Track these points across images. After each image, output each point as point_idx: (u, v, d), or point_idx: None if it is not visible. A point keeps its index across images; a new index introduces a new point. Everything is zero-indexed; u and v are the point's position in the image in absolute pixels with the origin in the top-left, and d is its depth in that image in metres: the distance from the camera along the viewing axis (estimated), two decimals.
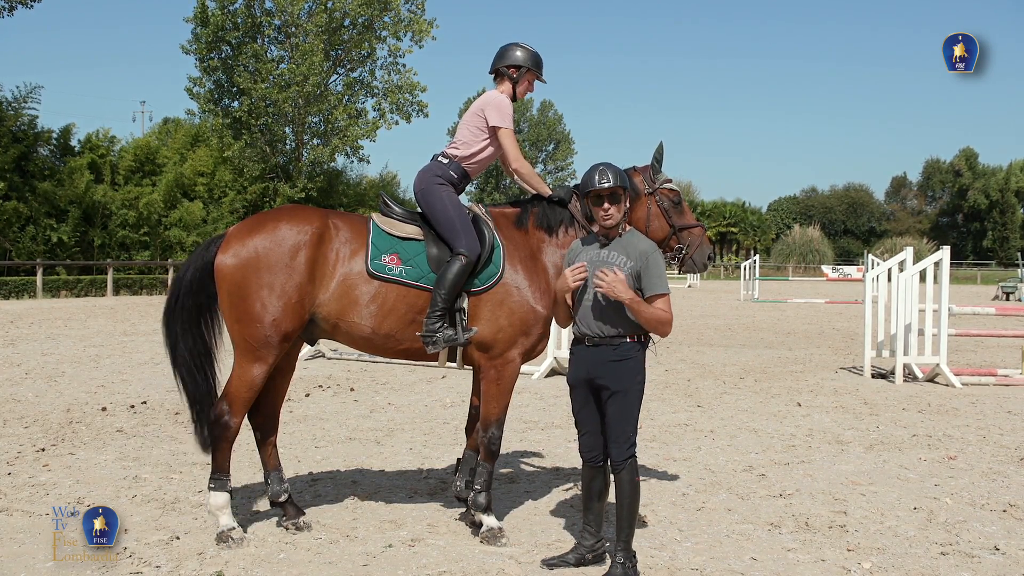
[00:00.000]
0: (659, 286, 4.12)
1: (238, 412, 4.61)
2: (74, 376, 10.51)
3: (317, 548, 4.51)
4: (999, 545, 4.67)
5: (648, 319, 4.06)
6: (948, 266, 10.89)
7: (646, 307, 4.05)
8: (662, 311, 4.09)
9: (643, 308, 4.04)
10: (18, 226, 32.17)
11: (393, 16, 37.40)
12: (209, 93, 36.21)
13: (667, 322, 4.10)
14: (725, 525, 4.97)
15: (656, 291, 4.11)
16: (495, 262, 4.82)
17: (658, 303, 4.10)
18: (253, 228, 4.67)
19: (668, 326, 4.11)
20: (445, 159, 5.11)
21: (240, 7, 35.47)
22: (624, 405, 4.09)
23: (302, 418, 8.12)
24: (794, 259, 72.78)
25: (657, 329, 4.11)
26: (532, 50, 5.19)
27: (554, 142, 69.56)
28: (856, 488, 5.80)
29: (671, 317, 4.12)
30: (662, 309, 4.09)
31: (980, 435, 7.60)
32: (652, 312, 4.05)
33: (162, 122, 48.31)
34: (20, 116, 33.50)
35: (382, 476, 6.05)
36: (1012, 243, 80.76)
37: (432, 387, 10.16)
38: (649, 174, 5.06)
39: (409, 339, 4.76)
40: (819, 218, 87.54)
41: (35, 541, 4.53)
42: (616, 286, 3.99)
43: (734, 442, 7.24)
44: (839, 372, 11.93)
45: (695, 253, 5.07)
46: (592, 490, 4.28)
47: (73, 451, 6.62)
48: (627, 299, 4.01)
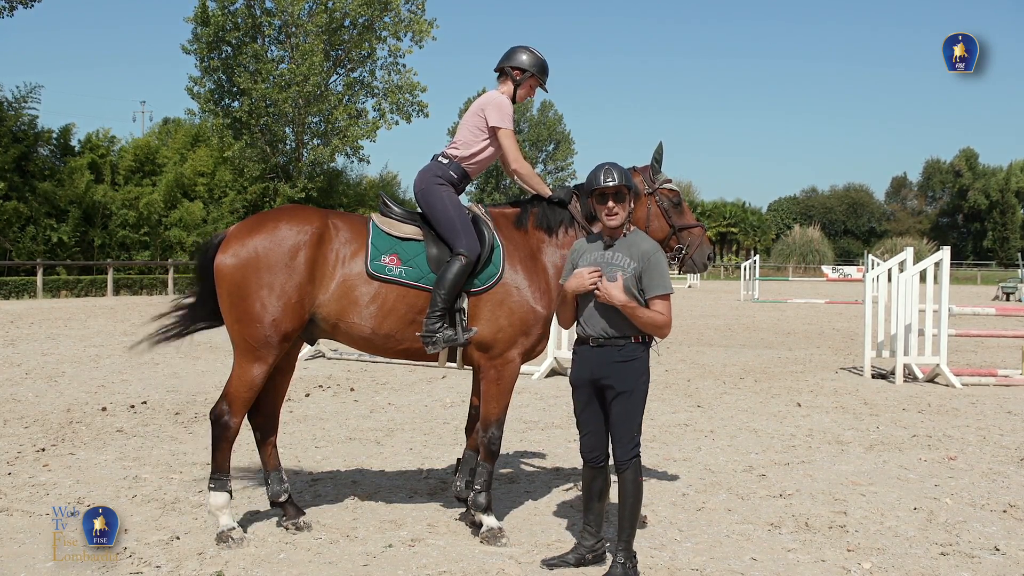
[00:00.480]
0: (660, 287, 4.11)
1: (238, 412, 4.61)
2: (74, 376, 10.51)
3: (317, 548, 4.51)
4: (999, 545, 4.67)
5: (644, 323, 4.05)
6: (948, 266, 10.88)
7: (641, 311, 4.04)
8: (658, 314, 4.07)
9: (638, 312, 4.03)
10: (18, 226, 32.17)
11: (393, 16, 37.41)
12: (209, 93, 36.20)
13: (663, 325, 4.08)
14: (725, 525, 4.97)
15: (656, 292, 4.10)
16: (495, 262, 4.82)
17: (657, 304, 4.09)
18: (253, 228, 4.66)
19: (665, 329, 4.10)
20: (445, 159, 5.11)
21: (240, 7, 35.47)
22: (629, 406, 4.09)
23: (302, 418, 8.12)
24: (794, 259, 72.80)
25: (654, 332, 4.11)
26: (541, 57, 5.18)
27: (554, 142, 69.54)
28: (856, 488, 5.80)
29: (668, 320, 4.09)
30: (659, 312, 4.07)
31: (980, 435, 7.60)
32: (648, 315, 4.04)
33: (162, 122, 48.36)
34: (20, 116, 33.50)
35: (382, 476, 6.05)
36: (1012, 243, 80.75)
37: (432, 387, 10.16)
38: (649, 174, 5.06)
39: (409, 339, 4.76)
40: (819, 218, 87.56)
41: (35, 541, 4.53)
42: (610, 291, 4.00)
43: (734, 442, 7.24)
44: (839, 372, 11.93)
45: (695, 253, 5.08)
46: (593, 490, 4.28)
47: (73, 451, 6.63)
48: (620, 303, 4.01)
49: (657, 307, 4.09)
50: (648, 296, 4.11)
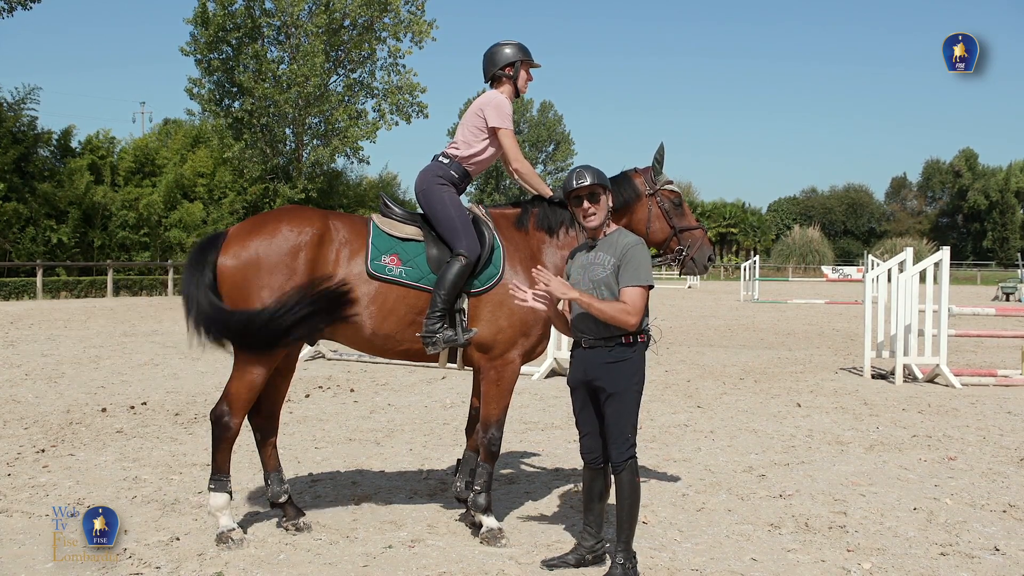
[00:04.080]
0: (633, 278, 4.03)
1: (238, 413, 4.60)
2: (74, 377, 10.51)
3: (317, 549, 4.51)
4: (999, 545, 4.67)
5: (603, 313, 3.97)
6: (948, 267, 10.89)
7: (598, 301, 3.98)
8: (619, 302, 3.99)
9: (594, 304, 3.97)
10: (18, 227, 32.16)
11: (393, 17, 37.41)
12: (209, 94, 36.19)
13: (626, 311, 3.96)
14: (725, 526, 4.97)
15: (628, 283, 4.03)
16: (495, 263, 4.82)
17: (625, 294, 4.01)
18: (253, 229, 4.66)
19: (630, 317, 3.96)
20: (445, 159, 5.11)
21: (240, 8, 35.46)
22: (621, 407, 4.06)
23: (302, 419, 8.12)
24: (794, 260, 72.83)
25: (617, 322, 3.98)
26: (515, 42, 5.18)
27: (554, 142, 69.64)
28: (856, 489, 5.80)
29: (632, 308, 3.96)
30: (621, 301, 3.99)
31: (980, 436, 7.60)
32: (604, 306, 3.96)
33: (162, 123, 48.29)
34: (20, 117, 33.49)
35: (382, 477, 6.05)
36: (1012, 243, 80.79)
37: (432, 388, 10.16)
38: (650, 175, 5.06)
39: (409, 340, 4.76)
40: (819, 219, 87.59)
41: (35, 542, 4.53)
42: (552, 285, 3.97)
43: (734, 443, 7.24)
44: (839, 373, 11.93)
45: (696, 254, 5.08)
46: (592, 491, 4.28)
47: (73, 452, 6.62)
48: (573, 297, 3.99)
49: (624, 295, 4.01)
50: (620, 286, 4.05)
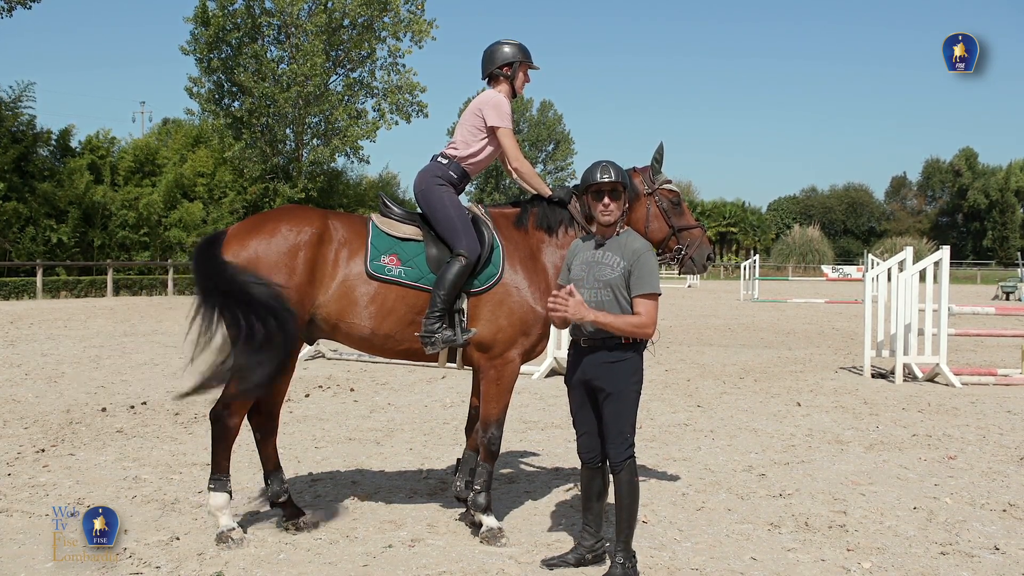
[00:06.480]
0: (645, 286, 4.04)
1: (237, 412, 4.60)
2: (74, 377, 10.51)
3: (317, 548, 4.51)
4: (999, 545, 4.67)
5: (622, 329, 3.98)
6: (948, 266, 10.89)
7: (614, 319, 3.96)
8: (636, 316, 4.00)
9: (612, 321, 3.96)
10: (18, 227, 32.15)
11: (393, 16, 37.36)
12: (209, 93, 36.18)
13: (643, 325, 3.99)
14: (725, 525, 4.97)
15: (641, 291, 4.03)
16: (494, 263, 4.82)
17: (640, 304, 4.02)
18: (253, 229, 4.66)
19: (647, 329, 4.00)
20: (444, 159, 5.11)
21: (240, 7, 35.44)
22: (620, 406, 4.05)
23: (302, 418, 8.12)
24: (794, 259, 72.82)
25: (636, 335, 4.01)
26: (516, 42, 5.17)
27: (554, 142, 69.62)
28: (856, 488, 5.80)
29: (649, 320, 4.00)
30: (638, 312, 4.00)
31: (980, 435, 7.61)
32: (623, 321, 3.97)
33: (162, 122, 48.31)
34: (18, 116, 33.48)
35: (382, 476, 6.05)
36: (1012, 243, 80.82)
37: (432, 387, 10.16)
38: (649, 174, 5.06)
39: (408, 339, 4.76)
40: (819, 218, 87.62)
41: (35, 541, 4.53)
42: (578, 311, 3.93)
43: (734, 442, 7.24)
44: (839, 372, 11.93)
45: (695, 253, 5.08)
46: (591, 490, 4.28)
47: (73, 452, 6.62)
48: (591, 320, 3.95)
49: (639, 307, 4.02)
50: (633, 294, 4.05)
